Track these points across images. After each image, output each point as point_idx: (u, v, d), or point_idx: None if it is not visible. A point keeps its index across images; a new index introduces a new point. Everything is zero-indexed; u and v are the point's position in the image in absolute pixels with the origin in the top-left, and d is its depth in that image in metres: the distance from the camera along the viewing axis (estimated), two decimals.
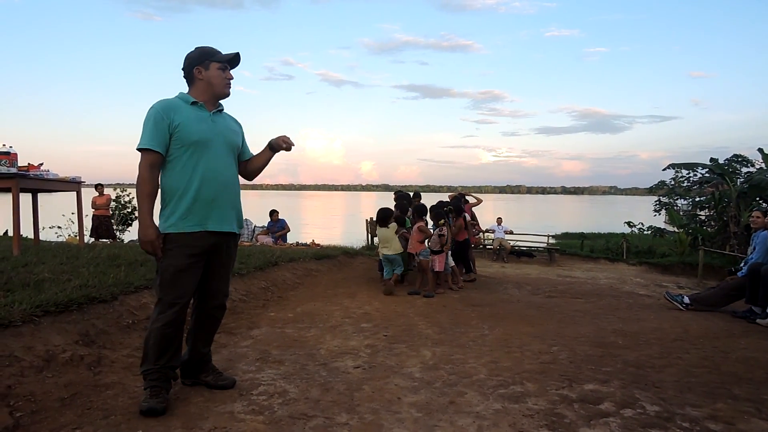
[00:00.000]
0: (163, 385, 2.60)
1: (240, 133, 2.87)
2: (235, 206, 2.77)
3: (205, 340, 2.90)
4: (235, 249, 2.89)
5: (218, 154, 2.67)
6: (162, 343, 2.60)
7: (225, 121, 2.80)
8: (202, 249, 2.63)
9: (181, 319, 2.63)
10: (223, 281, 2.83)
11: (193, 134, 2.60)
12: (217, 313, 2.89)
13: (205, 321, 2.86)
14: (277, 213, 11.86)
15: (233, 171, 2.79)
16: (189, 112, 2.64)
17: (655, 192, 21.36)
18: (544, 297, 7.13)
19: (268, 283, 5.98)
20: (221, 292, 2.84)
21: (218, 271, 2.77)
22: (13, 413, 2.38)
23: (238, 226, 2.81)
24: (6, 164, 4.97)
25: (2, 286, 3.57)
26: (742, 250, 12.06)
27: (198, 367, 2.91)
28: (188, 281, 2.61)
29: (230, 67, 2.76)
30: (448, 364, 3.51)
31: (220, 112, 2.78)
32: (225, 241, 2.74)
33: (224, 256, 2.77)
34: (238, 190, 2.83)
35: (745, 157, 17.14)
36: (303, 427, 2.45)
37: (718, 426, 2.55)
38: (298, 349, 3.76)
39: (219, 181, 2.66)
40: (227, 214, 2.70)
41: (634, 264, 13.87)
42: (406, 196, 8.36)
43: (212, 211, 2.63)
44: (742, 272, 6.06)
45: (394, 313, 5.26)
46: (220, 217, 2.66)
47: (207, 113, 2.70)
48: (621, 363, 3.62)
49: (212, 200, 2.63)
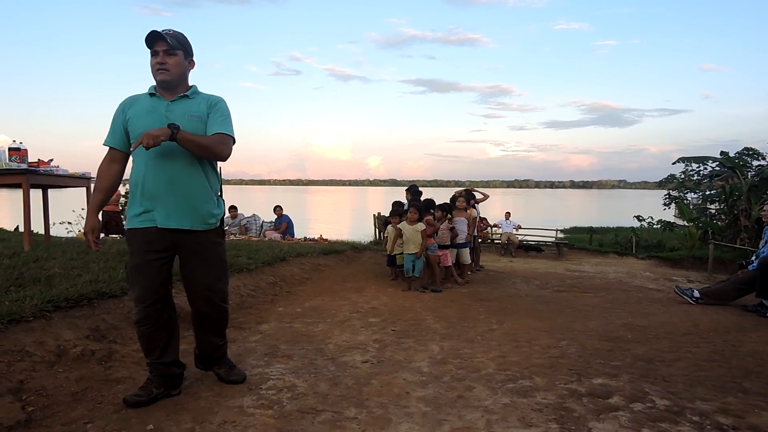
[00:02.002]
0: (155, 380, 2.62)
1: (204, 117, 2.62)
2: (189, 201, 2.58)
3: (206, 337, 2.86)
4: (213, 246, 2.69)
5: (164, 146, 2.46)
6: (143, 340, 2.62)
7: (185, 108, 2.61)
8: (159, 246, 2.55)
9: (154, 316, 2.57)
10: (204, 280, 2.69)
11: (139, 127, 2.52)
12: (208, 311, 2.76)
13: (199, 320, 2.81)
14: (281, 208, 11.87)
15: (184, 163, 2.56)
16: (144, 104, 2.60)
17: (664, 186, 21.19)
18: (553, 291, 7.11)
19: (276, 278, 6.00)
20: (206, 291, 2.71)
21: (194, 270, 2.66)
22: (25, 407, 2.41)
23: (198, 223, 2.61)
24: (16, 160, 5.01)
25: (14, 282, 3.61)
26: (753, 243, 11.96)
27: (209, 360, 2.94)
28: (147, 279, 2.54)
29: (160, 51, 2.55)
30: (457, 359, 3.51)
31: (184, 98, 2.63)
32: (186, 239, 2.60)
33: (192, 254, 2.64)
34: (196, 182, 2.60)
35: (756, 150, 16.96)
36: (312, 421, 2.46)
37: (728, 420, 2.54)
38: (307, 344, 3.77)
39: (162, 175, 2.53)
40: (176, 210, 2.55)
41: (643, 258, 13.80)
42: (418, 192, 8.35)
43: (158, 206, 2.54)
44: (753, 266, 6.01)
45: (401, 308, 5.26)
46: (166, 213, 2.54)
47: (163, 103, 2.59)
48: (630, 357, 3.61)
49: (156, 195, 2.53)
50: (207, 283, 2.70)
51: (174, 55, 2.58)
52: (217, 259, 2.71)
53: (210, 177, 2.68)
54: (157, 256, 2.55)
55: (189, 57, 2.68)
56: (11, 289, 3.43)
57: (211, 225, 2.67)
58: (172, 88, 2.62)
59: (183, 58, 2.62)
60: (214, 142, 2.57)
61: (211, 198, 2.68)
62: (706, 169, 18.52)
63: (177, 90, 2.64)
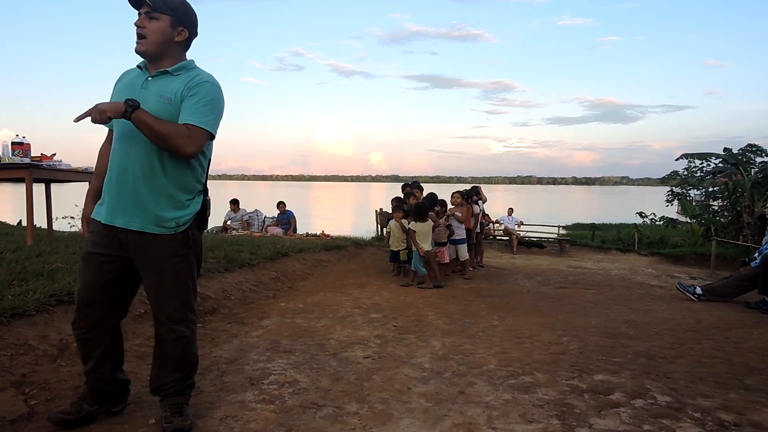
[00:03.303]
0: (89, 395, 2.27)
1: (175, 100, 2.15)
2: (139, 198, 2.15)
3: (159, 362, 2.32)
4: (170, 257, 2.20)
5: (123, 133, 2.15)
6: (78, 343, 2.27)
7: (161, 86, 2.18)
8: (105, 244, 2.19)
9: (88, 321, 2.20)
10: (155, 297, 2.24)
11: None
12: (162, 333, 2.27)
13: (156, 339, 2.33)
14: (284, 204, 11.88)
15: (142, 151, 2.14)
16: (129, 78, 2.26)
17: (667, 182, 21.17)
18: (555, 288, 7.11)
19: (278, 274, 6.01)
20: (157, 311, 2.26)
21: (147, 283, 2.25)
22: (28, 401, 2.42)
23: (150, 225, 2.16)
24: (19, 154, 5.01)
25: (16, 276, 3.61)
26: (756, 240, 11.93)
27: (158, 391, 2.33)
28: (87, 276, 2.20)
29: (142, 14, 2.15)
30: (458, 355, 3.51)
31: (165, 75, 2.20)
32: (136, 242, 2.17)
33: (144, 263, 2.21)
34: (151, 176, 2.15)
35: (760, 147, 16.92)
36: (313, 416, 2.47)
37: (729, 416, 2.54)
38: (309, 339, 3.78)
39: (115, 166, 2.18)
40: (123, 205, 2.16)
41: (645, 255, 13.77)
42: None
43: (108, 199, 2.20)
44: (756, 262, 6.00)
45: (403, 304, 5.27)
46: (111, 208, 2.18)
47: (144, 78, 2.21)
48: (632, 353, 3.61)
49: (108, 186, 2.20)
50: (158, 299, 2.24)
51: (155, 19, 2.14)
52: (173, 274, 2.21)
53: (177, 172, 2.19)
54: (101, 254, 2.19)
55: (180, 24, 2.20)
56: (14, 283, 3.44)
57: (165, 230, 2.18)
58: (153, 60, 2.20)
59: (169, 25, 2.17)
60: (175, 134, 2.07)
61: (171, 197, 2.19)
62: (709, 166, 18.49)
63: (160, 63, 2.20)
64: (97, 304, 2.20)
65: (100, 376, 2.27)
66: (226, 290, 4.86)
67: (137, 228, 2.15)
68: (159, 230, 2.17)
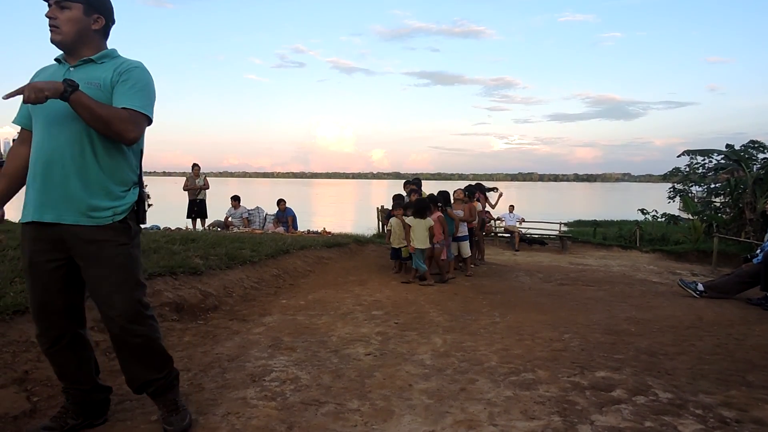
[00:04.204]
0: (72, 408, 2.20)
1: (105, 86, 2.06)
2: (67, 189, 2.02)
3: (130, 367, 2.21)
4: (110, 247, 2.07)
5: (47, 122, 2.03)
6: (49, 360, 2.19)
7: (87, 74, 2.07)
8: (45, 245, 2.06)
9: (51, 335, 2.10)
10: (100, 292, 2.09)
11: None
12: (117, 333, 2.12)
13: (115, 344, 2.19)
14: (285, 202, 11.89)
15: (66, 140, 2.03)
16: (48, 72, 2.14)
17: (669, 179, 21.12)
18: (556, 285, 7.10)
19: (279, 271, 6.01)
20: (104, 306, 2.09)
21: (90, 279, 2.10)
22: (30, 398, 2.43)
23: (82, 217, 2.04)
24: None
25: (18, 273, 3.62)
26: (758, 237, 11.92)
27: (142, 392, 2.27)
28: (36, 284, 2.08)
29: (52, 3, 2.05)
30: (459, 352, 3.51)
31: (89, 63, 2.11)
32: (73, 237, 2.04)
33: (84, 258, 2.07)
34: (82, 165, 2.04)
35: (762, 143, 16.86)
36: (315, 413, 2.47)
37: (731, 413, 2.54)
38: (310, 336, 3.78)
39: (40, 157, 2.04)
40: (50, 199, 2.03)
41: (647, 251, 13.76)
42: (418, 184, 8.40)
43: (34, 195, 2.06)
44: (758, 259, 5.99)
45: (404, 301, 5.27)
46: (39, 203, 2.04)
47: (64, 69, 2.10)
48: (633, 350, 3.61)
49: (32, 181, 2.06)
50: (103, 296, 2.08)
51: (66, 8, 2.04)
52: (116, 264, 2.08)
53: (110, 160, 2.09)
54: (45, 258, 2.06)
55: (94, 12, 2.10)
56: (16, 280, 3.45)
57: (102, 219, 2.06)
58: (71, 51, 2.10)
59: (82, 13, 2.06)
60: (117, 117, 1.99)
61: (104, 188, 2.08)
62: (711, 162, 18.45)
63: (79, 53, 2.11)
64: (54, 316, 2.10)
65: (82, 386, 2.20)
66: (227, 287, 4.87)
67: (71, 221, 2.03)
68: (94, 221, 2.05)
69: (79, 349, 2.19)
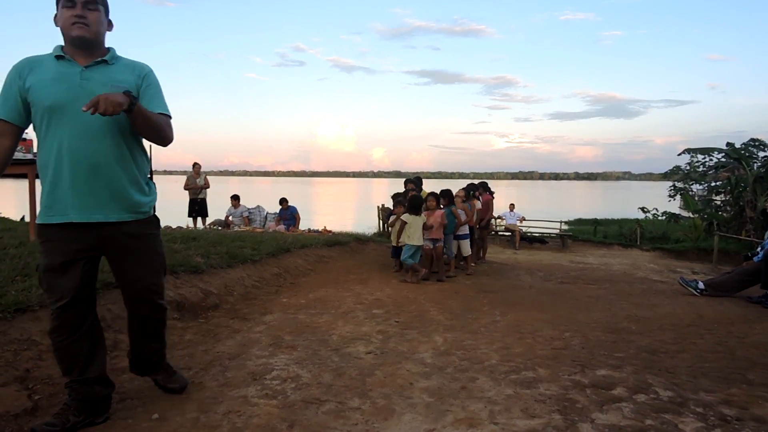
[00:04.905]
0: (74, 405, 2.23)
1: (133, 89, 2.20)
2: (114, 189, 2.19)
3: (143, 342, 2.47)
4: (147, 238, 2.32)
5: (81, 122, 2.09)
6: (59, 354, 2.22)
7: (106, 75, 2.17)
8: (75, 245, 2.16)
9: (72, 324, 2.18)
10: (141, 277, 2.31)
11: (45, 98, 2.09)
12: (148, 312, 2.39)
13: (138, 323, 2.42)
14: (287, 201, 11.90)
15: (111, 144, 2.16)
16: (50, 69, 2.13)
17: (669, 177, 21.11)
18: (557, 283, 7.11)
19: (280, 270, 6.01)
20: (141, 289, 2.33)
21: (128, 268, 2.30)
22: (31, 396, 2.43)
23: (126, 213, 2.23)
24: (22, 150, 5.03)
25: (20, 271, 3.62)
26: (759, 235, 11.91)
27: (146, 366, 2.55)
28: (65, 282, 2.15)
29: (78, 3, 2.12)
30: (460, 350, 3.51)
31: (102, 65, 2.19)
32: (114, 233, 2.21)
33: (123, 250, 2.26)
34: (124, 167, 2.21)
35: (763, 141, 16.85)
36: (316, 411, 2.48)
37: (731, 411, 2.54)
38: (311, 335, 3.78)
39: (80, 159, 2.11)
40: (95, 200, 2.15)
41: (648, 250, 13.77)
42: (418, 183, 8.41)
43: (73, 197, 2.12)
44: (758, 257, 6.00)
45: (405, 300, 5.27)
46: (83, 205, 2.13)
47: (76, 69, 2.14)
48: (634, 348, 3.61)
49: (72, 184, 2.12)
50: (144, 280, 2.32)
51: (93, 10, 2.15)
52: (153, 252, 2.36)
53: (139, 160, 2.30)
54: (79, 257, 2.17)
55: (107, 17, 2.25)
56: (17, 279, 3.45)
57: (143, 214, 2.29)
58: (89, 48, 2.17)
59: (103, 15, 2.21)
60: (166, 124, 2.23)
61: (141, 184, 2.30)
62: (711, 161, 18.43)
63: (93, 53, 2.19)
64: (79, 306, 2.20)
65: (88, 376, 2.24)
66: (228, 286, 4.87)
67: (115, 219, 2.20)
68: (137, 216, 2.26)
69: (95, 333, 2.31)
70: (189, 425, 2.30)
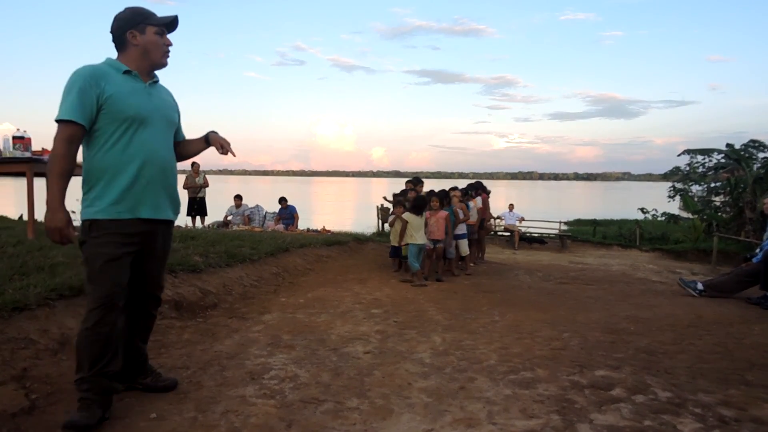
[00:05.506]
0: (96, 398, 2.23)
1: (177, 109, 2.58)
2: (171, 191, 2.48)
3: (141, 338, 2.60)
4: (170, 238, 2.59)
5: (157, 132, 2.37)
6: (95, 347, 2.23)
7: (162, 94, 2.49)
8: (135, 238, 2.33)
9: (114, 318, 2.27)
10: (157, 272, 2.55)
11: (127, 108, 2.26)
12: (152, 308, 2.61)
13: (138, 316, 2.54)
14: (286, 200, 11.90)
15: (172, 152, 2.50)
16: (122, 81, 2.30)
17: (669, 178, 21.13)
18: (556, 283, 7.11)
19: (279, 269, 6.01)
20: (155, 285, 2.56)
21: (151, 262, 2.47)
22: (29, 395, 2.42)
23: (174, 213, 2.54)
24: (20, 149, 5.01)
25: (17, 270, 3.62)
26: (758, 236, 11.92)
27: (135, 369, 2.59)
28: (120, 273, 2.28)
29: (168, 32, 2.43)
30: (459, 350, 3.51)
31: (155, 84, 2.47)
32: (159, 230, 2.44)
33: (158, 246, 2.47)
34: (176, 173, 2.54)
35: (762, 142, 16.86)
36: (314, 411, 2.47)
37: (730, 412, 2.53)
38: (309, 335, 3.78)
39: (158, 163, 2.37)
40: (162, 200, 2.41)
41: (647, 250, 13.78)
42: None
43: (147, 196, 2.34)
44: (758, 258, 6.00)
45: (404, 299, 5.27)
46: (154, 204, 2.37)
47: (142, 84, 2.37)
48: (633, 349, 3.60)
49: (147, 184, 2.33)
50: (159, 276, 2.58)
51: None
52: (169, 250, 2.63)
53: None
54: (131, 250, 2.32)
55: None
56: (15, 278, 3.44)
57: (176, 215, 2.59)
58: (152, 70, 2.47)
59: None
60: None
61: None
62: (711, 161, 18.45)
63: (152, 74, 2.47)
64: (123, 299, 2.33)
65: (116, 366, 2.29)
66: (226, 285, 4.86)
67: (170, 217, 2.50)
68: (176, 217, 2.58)
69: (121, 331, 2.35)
70: (187, 425, 2.30)
